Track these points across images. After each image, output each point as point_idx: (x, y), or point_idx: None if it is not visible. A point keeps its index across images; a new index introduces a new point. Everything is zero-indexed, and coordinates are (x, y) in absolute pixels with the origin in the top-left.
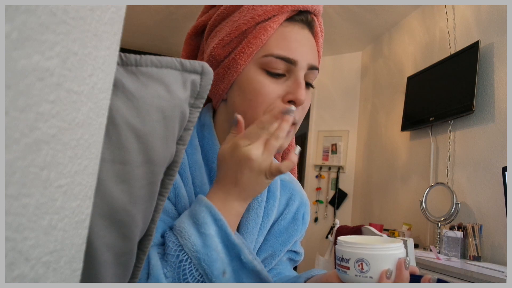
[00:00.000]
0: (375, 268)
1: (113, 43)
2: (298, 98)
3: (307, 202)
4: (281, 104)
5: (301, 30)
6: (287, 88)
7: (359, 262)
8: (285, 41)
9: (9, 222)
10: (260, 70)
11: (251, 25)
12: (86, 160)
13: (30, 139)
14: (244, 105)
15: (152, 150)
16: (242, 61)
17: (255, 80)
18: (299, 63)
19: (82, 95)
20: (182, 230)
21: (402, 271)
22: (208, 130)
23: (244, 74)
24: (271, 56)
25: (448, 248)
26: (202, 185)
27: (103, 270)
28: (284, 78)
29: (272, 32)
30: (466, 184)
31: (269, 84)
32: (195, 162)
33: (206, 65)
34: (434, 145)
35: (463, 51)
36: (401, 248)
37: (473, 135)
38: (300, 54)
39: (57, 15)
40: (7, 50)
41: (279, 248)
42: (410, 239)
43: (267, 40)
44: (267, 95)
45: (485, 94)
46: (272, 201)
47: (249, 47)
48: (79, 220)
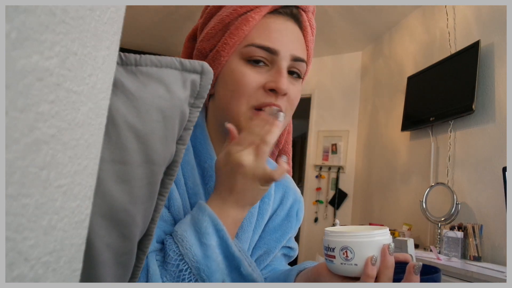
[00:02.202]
0: (360, 255)
1: (113, 43)
2: (278, 86)
3: (301, 198)
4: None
5: (284, 22)
6: (269, 77)
7: (344, 250)
8: (266, 31)
9: (9, 222)
10: (242, 60)
11: (234, 17)
12: (86, 160)
13: (29, 139)
14: (227, 96)
15: (152, 150)
16: (225, 52)
17: (237, 70)
18: (280, 52)
19: (82, 95)
20: (184, 239)
21: (386, 257)
22: (200, 129)
23: (227, 66)
24: (253, 46)
25: (448, 248)
26: (194, 186)
27: (103, 270)
28: (267, 68)
29: (255, 23)
30: (466, 184)
31: (250, 73)
32: (187, 163)
33: (206, 65)
34: (434, 145)
35: (464, 51)
36: (385, 235)
37: (473, 135)
38: (281, 44)
39: (56, 15)
40: (6, 50)
41: (273, 245)
42: (410, 239)
43: (249, 31)
44: (248, 84)
45: (485, 94)
46: (267, 200)
47: (231, 38)
48: (79, 220)
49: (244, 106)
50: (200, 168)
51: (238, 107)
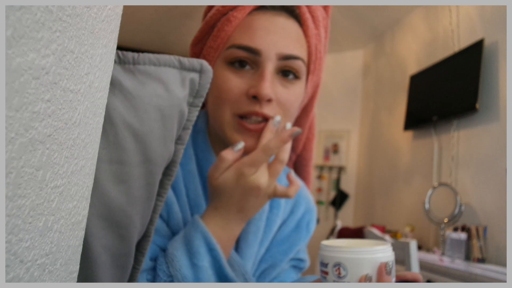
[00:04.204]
0: (353, 273)
1: (110, 41)
2: (259, 92)
3: (313, 208)
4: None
5: (272, 17)
6: (252, 82)
7: (337, 267)
8: (249, 29)
9: (4, 223)
10: (225, 64)
11: (217, 18)
12: (83, 160)
13: (25, 139)
14: (213, 104)
15: (150, 149)
16: (211, 57)
17: (219, 75)
18: (263, 52)
19: (79, 94)
20: (174, 258)
21: (382, 277)
22: (202, 136)
23: (214, 71)
24: (233, 47)
25: (452, 250)
26: (196, 197)
27: (100, 272)
28: (251, 71)
29: (237, 22)
30: (470, 185)
31: (231, 78)
32: (189, 172)
33: (205, 63)
34: (437, 145)
35: (467, 49)
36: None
37: (477, 134)
38: (265, 42)
39: (53, 12)
40: (2, 48)
41: (280, 258)
42: (413, 241)
43: (232, 31)
44: (230, 91)
45: (489, 93)
46: (275, 211)
47: (215, 41)
48: (76, 221)
49: (227, 114)
50: (202, 177)
51: (222, 115)
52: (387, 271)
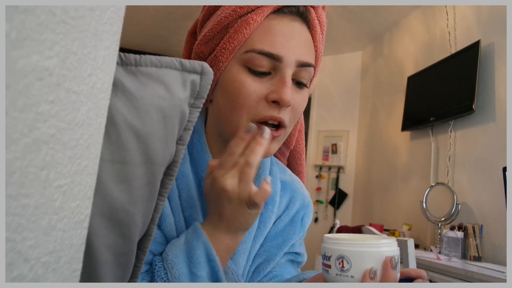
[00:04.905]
0: (357, 267)
1: (113, 43)
2: (282, 97)
3: (309, 203)
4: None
5: (289, 23)
6: (271, 87)
7: (340, 260)
8: (269, 35)
9: (9, 222)
10: (242, 67)
11: (233, 18)
12: (86, 160)
13: (29, 139)
14: (227, 107)
15: (152, 150)
16: (224, 58)
17: (237, 79)
18: (284, 59)
19: (82, 95)
20: (174, 266)
21: (387, 271)
22: (198, 136)
23: (226, 72)
24: (253, 52)
25: (449, 249)
26: (189, 199)
27: (103, 271)
28: (269, 76)
29: (256, 25)
30: (466, 184)
31: (250, 83)
32: (182, 173)
33: (206, 65)
34: (434, 145)
35: (464, 50)
36: (390, 246)
37: (473, 135)
38: (286, 49)
39: (56, 15)
40: (6, 50)
41: (274, 252)
42: (410, 240)
43: (250, 34)
44: (248, 96)
45: (485, 94)
46: (270, 207)
47: (230, 43)
48: (79, 220)
49: (244, 118)
50: (197, 178)
51: (238, 120)
52: (393, 265)
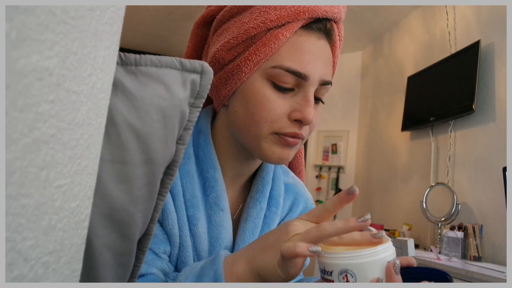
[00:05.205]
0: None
1: (113, 43)
2: (306, 117)
3: (311, 206)
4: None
5: (317, 41)
6: (295, 105)
7: (343, 274)
8: (298, 52)
9: (9, 222)
10: (266, 81)
11: (262, 30)
12: (86, 160)
13: (29, 139)
14: (247, 117)
15: (152, 149)
16: (248, 69)
17: (261, 92)
18: (310, 78)
19: (82, 95)
20: None
21: (392, 277)
22: (204, 137)
23: (248, 83)
24: (281, 69)
25: (449, 249)
26: (192, 198)
27: (103, 270)
28: (292, 92)
29: (284, 41)
30: (466, 184)
31: (275, 99)
32: (186, 173)
33: (206, 65)
34: (434, 145)
35: (464, 50)
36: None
37: (473, 135)
38: (313, 68)
39: (56, 15)
40: (6, 50)
41: None
42: (410, 240)
43: (277, 49)
44: (272, 111)
45: (485, 94)
46: (274, 209)
47: (256, 55)
48: (79, 220)
49: (265, 131)
50: (202, 178)
51: (258, 131)
52: (396, 270)
